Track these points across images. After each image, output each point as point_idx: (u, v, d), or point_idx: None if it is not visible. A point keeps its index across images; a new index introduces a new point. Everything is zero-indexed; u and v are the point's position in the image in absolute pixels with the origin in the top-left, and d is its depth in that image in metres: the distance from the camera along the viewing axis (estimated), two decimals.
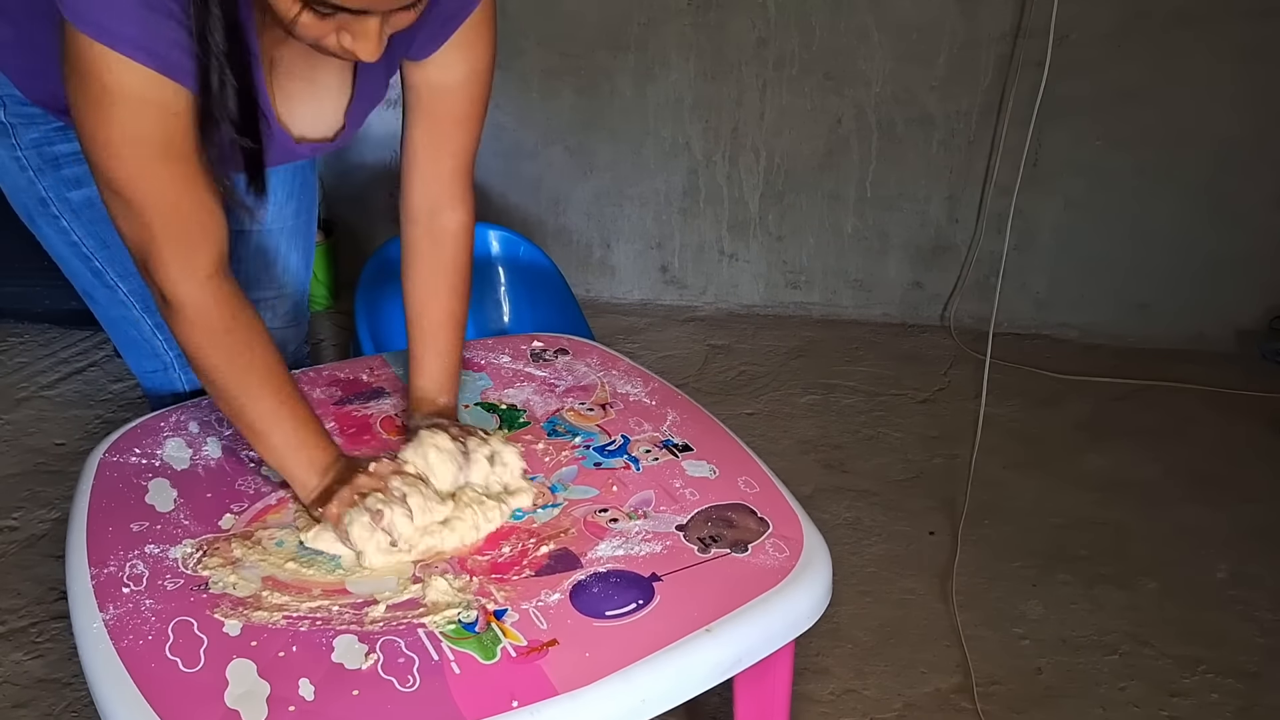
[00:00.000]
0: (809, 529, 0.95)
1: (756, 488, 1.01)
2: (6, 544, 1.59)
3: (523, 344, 1.31)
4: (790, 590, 0.88)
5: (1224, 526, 1.72)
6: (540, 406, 1.16)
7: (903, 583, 1.57)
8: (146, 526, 0.93)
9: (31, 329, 2.23)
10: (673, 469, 1.04)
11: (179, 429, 1.08)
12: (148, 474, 1.01)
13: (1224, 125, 2.19)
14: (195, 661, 0.77)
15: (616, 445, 1.08)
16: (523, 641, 0.80)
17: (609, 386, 1.21)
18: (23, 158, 1.04)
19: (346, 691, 0.75)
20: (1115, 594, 1.56)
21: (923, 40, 2.23)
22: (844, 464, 1.89)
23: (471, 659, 0.78)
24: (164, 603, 0.83)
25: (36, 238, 1.11)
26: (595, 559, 0.90)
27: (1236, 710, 1.35)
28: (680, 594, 0.86)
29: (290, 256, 1.32)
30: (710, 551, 0.91)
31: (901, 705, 1.34)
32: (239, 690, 0.74)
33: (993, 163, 2.30)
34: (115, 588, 0.84)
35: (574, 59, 2.34)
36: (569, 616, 0.83)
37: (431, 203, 1.06)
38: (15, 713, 1.29)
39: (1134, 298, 2.37)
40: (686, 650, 0.81)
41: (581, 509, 0.97)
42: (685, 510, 0.97)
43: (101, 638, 0.79)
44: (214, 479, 1.01)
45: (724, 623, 0.83)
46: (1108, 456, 1.92)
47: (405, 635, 0.80)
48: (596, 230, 2.53)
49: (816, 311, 2.52)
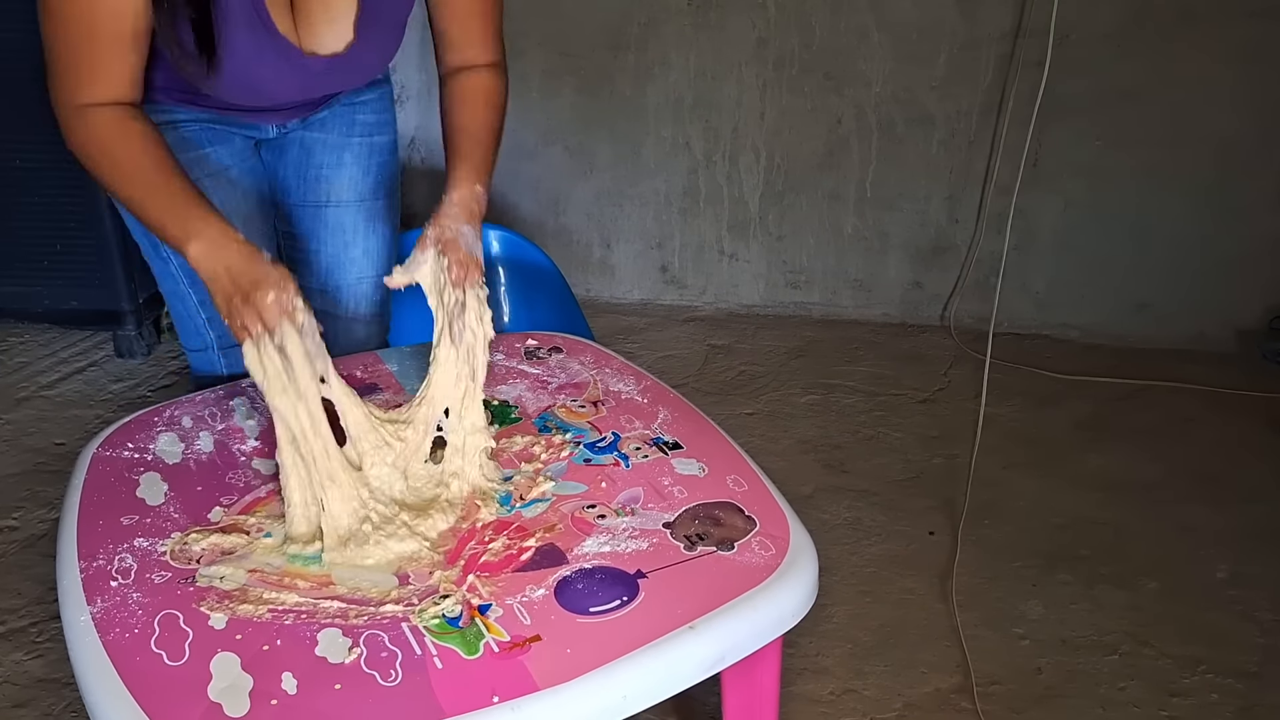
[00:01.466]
0: (796, 527, 0.95)
1: (745, 486, 1.01)
2: (6, 544, 1.59)
3: (517, 342, 1.32)
4: (775, 588, 0.88)
5: (1224, 526, 1.72)
6: (532, 403, 1.17)
7: (902, 583, 1.57)
8: (136, 520, 0.93)
9: (31, 329, 2.23)
10: (662, 466, 1.04)
11: (172, 424, 1.09)
12: (139, 468, 1.02)
13: (1224, 125, 2.19)
14: (180, 655, 0.77)
15: (607, 442, 1.08)
16: (506, 637, 0.80)
17: (601, 384, 1.21)
18: None
19: (329, 685, 0.75)
20: (1115, 594, 1.56)
21: (923, 40, 2.23)
22: (844, 464, 1.89)
23: (454, 654, 0.78)
24: (151, 596, 0.83)
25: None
26: (581, 555, 0.90)
27: (1236, 710, 1.35)
28: (665, 591, 0.86)
29: (371, 239, 1.33)
30: (696, 549, 0.92)
31: (901, 705, 1.34)
32: (222, 684, 0.75)
33: (993, 163, 2.30)
34: (104, 581, 0.85)
35: (574, 59, 2.35)
36: (553, 612, 0.83)
37: (462, 52, 1.13)
38: (15, 713, 1.29)
39: (1134, 298, 2.37)
40: (669, 647, 0.81)
41: (569, 505, 0.98)
42: (673, 508, 0.97)
43: (88, 630, 0.80)
44: (205, 472, 1.01)
45: (708, 620, 0.83)
46: (1108, 456, 1.92)
47: (389, 629, 0.81)
48: (596, 230, 2.53)
49: (816, 311, 2.52)
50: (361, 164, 1.30)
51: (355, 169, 1.29)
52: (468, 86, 1.12)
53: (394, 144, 1.34)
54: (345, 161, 1.29)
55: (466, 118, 1.11)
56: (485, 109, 1.12)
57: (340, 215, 1.30)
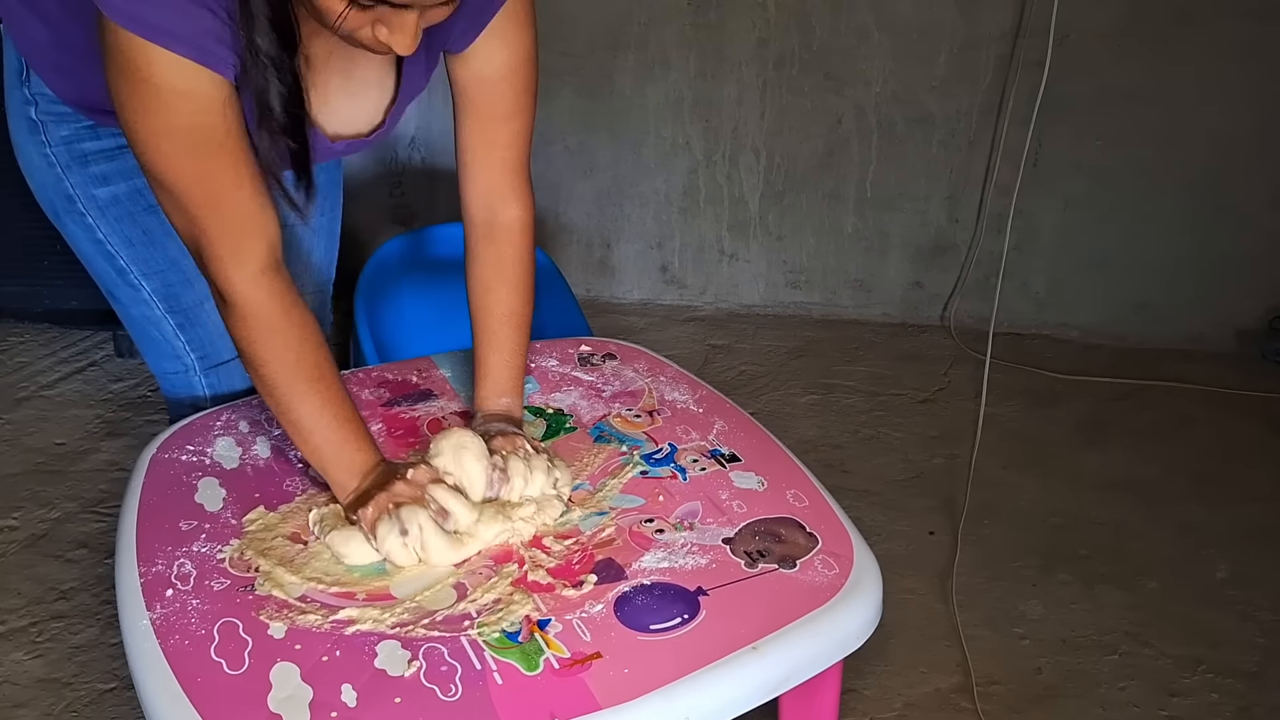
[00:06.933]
0: (860, 546, 0.93)
1: (805, 502, 0.99)
2: (6, 544, 1.59)
3: (570, 347, 1.30)
4: (840, 609, 0.86)
5: (1224, 526, 1.72)
6: (587, 412, 1.15)
7: (903, 582, 1.57)
8: (195, 525, 0.93)
9: (31, 329, 2.23)
10: (720, 480, 1.02)
11: (230, 428, 1.08)
12: (197, 472, 1.01)
13: (1224, 125, 2.19)
14: (240, 664, 0.77)
15: (664, 454, 1.06)
16: (566, 653, 0.79)
17: (656, 393, 1.19)
18: (51, 155, 1.04)
19: (389, 698, 0.74)
20: (1115, 594, 1.56)
21: (923, 40, 2.23)
22: (844, 464, 1.89)
23: (514, 669, 0.77)
24: (210, 603, 0.83)
25: (63, 235, 1.11)
26: (640, 570, 0.89)
27: (1236, 710, 1.35)
28: (726, 609, 0.84)
29: (314, 253, 1.31)
30: (758, 566, 0.89)
31: (901, 705, 1.34)
32: (282, 694, 0.74)
33: (993, 163, 2.30)
34: (163, 586, 0.85)
35: (574, 59, 2.34)
36: (613, 629, 0.81)
37: (487, 199, 1.05)
38: (15, 713, 1.29)
39: (1134, 298, 2.37)
40: (732, 668, 0.79)
41: (628, 519, 0.96)
42: (733, 523, 0.95)
43: (148, 636, 0.79)
44: (262, 479, 1.01)
45: (771, 640, 0.81)
46: (1108, 456, 1.92)
47: (448, 643, 0.80)
48: (596, 230, 2.53)
49: (816, 311, 2.52)
50: None
51: None
52: (490, 263, 1.06)
53: (339, 160, 1.30)
54: None
55: (490, 306, 1.06)
56: (510, 293, 1.06)
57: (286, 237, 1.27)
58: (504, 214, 1.06)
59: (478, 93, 1.00)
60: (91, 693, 1.32)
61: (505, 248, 1.06)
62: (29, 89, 1.02)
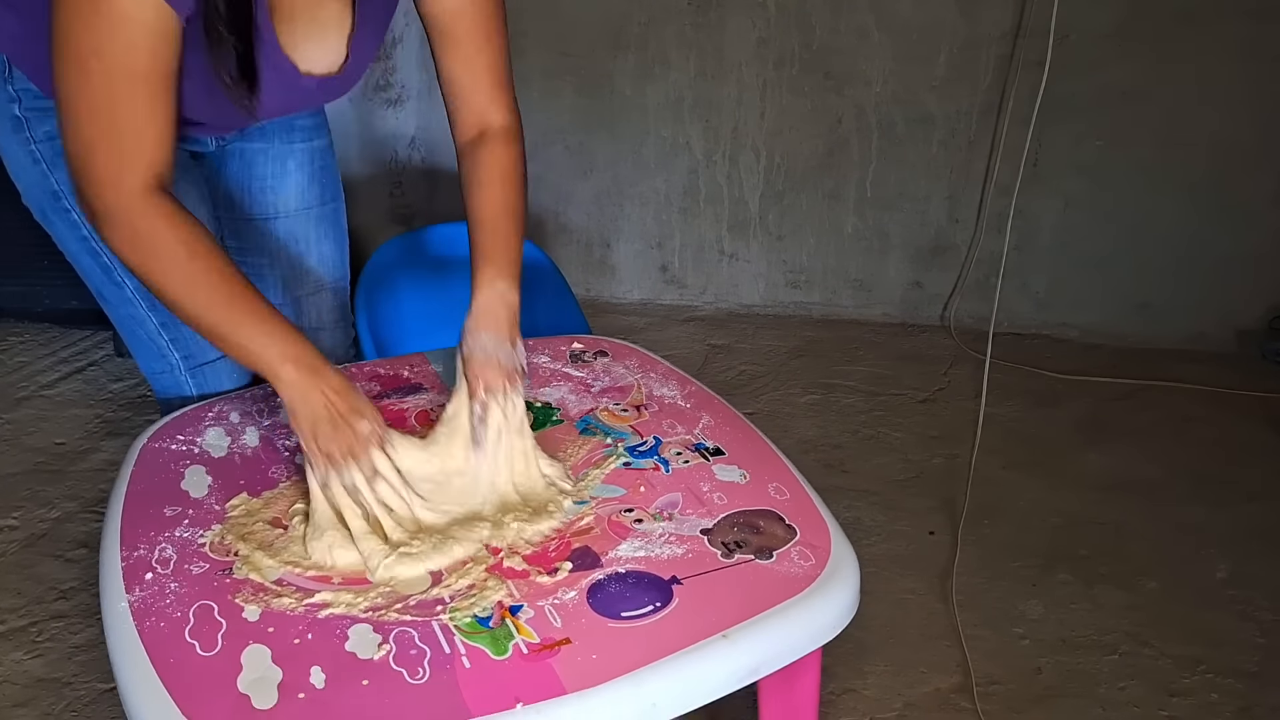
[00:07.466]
0: (838, 538, 0.93)
1: (787, 495, 0.99)
2: (6, 544, 1.59)
3: (562, 345, 1.30)
4: (814, 599, 0.86)
5: (1224, 526, 1.72)
6: (574, 405, 1.15)
7: (903, 582, 1.57)
8: (179, 511, 0.94)
9: (31, 329, 2.23)
10: (702, 472, 1.03)
11: (221, 418, 1.10)
12: (186, 460, 1.02)
13: (1224, 125, 2.19)
14: (213, 645, 0.78)
15: (648, 446, 1.07)
16: (535, 639, 0.79)
17: (645, 388, 1.19)
18: (36, 151, 1.04)
19: (356, 681, 0.75)
20: (1115, 594, 1.56)
21: (923, 40, 2.23)
22: (844, 464, 1.89)
23: (483, 653, 0.78)
24: (188, 586, 0.84)
25: (49, 233, 1.11)
26: (615, 559, 0.89)
27: (1236, 710, 1.35)
28: (699, 598, 0.85)
29: (323, 245, 1.31)
30: (734, 557, 0.90)
31: (901, 705, 1.34)
32: (252, 676, 0.75)
33: (993, 163, 2.30)
34: (143, 570, 0.85)
35: (574, 59, 2.34)
36: (584, 616, 0.82)
37: (479, 118, 1.08)
38: (15, 712, 1.29)
39: (1134, 297, 2.37)
40: (701, 655, 0.79)
41: (607, 508, 0.97)
42: (712, 514, 0.96)
43: (125, 618, 0.80)
44: (248, 466, 1.02)
45: (742, 629, 0.82)
46: (1108, 456, 1.92)
47: (419, 627, 0.81)
48: (597, 230, 2.53)
49: (816, 311, 2.52)
50: (306, 170, 1.26)
51: (300, 176, 1.26)
52: (482, 164, 1.07)
53: (331, 144, 1.31)
54: (289, 170, 1.25)
55: (484, 204, 1.06)
56: (503, 188, 1.07)
57: (291, 226, 1.27)
58: (494, 125, 1.08)
59: (450, 23, 1.03)
60: (91, 692, 1.32)
61: (499, 149, 1.08)
62: (12, 86, 1.02)
